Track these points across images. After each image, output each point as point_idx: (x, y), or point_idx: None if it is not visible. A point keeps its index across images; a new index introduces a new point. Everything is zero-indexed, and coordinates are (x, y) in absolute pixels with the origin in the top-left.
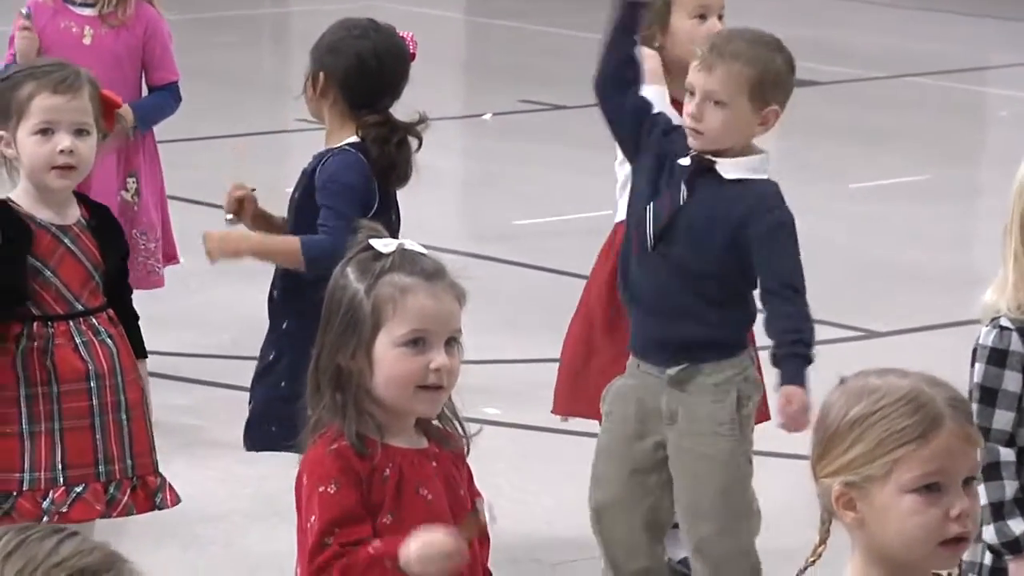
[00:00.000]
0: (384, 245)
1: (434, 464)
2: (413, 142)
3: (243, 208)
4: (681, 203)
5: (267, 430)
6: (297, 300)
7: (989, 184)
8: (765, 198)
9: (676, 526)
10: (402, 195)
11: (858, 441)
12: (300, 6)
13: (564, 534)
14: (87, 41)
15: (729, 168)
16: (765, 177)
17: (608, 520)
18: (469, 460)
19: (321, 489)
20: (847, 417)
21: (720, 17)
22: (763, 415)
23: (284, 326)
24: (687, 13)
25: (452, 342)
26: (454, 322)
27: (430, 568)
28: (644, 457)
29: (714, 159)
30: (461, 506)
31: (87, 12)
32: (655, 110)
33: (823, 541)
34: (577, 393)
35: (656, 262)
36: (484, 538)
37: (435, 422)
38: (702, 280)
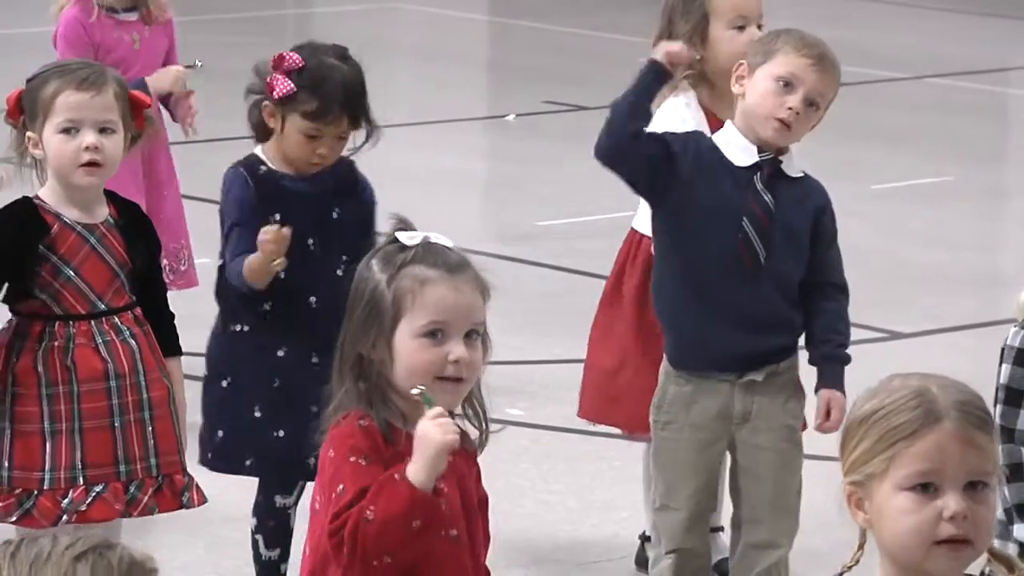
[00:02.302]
0: (409, 238)
1: (449, 458)
2: None
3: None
4: (772, 208)
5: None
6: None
7: (1013, 185)
8: (825, 194)
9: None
10: (425, 195)
11: (864, 438)
12: (323, 7)
13: (587, 534)
14: (137, 47)
15: (791, 166)
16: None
17: (689, 528)
18: (492, 460)
19: (353, 459)
20: (857, 415)
21: (759, 26)
22: None
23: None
24: (726, 24)
25: (473, 335)
26: (475, 315)
27: (438, 464)
28: (715, 462)
29: (781, 158)
30: (469, 502)
31: (132, 18)
32: (666, 138)
33: (861, 546)
34: (608, 401)
35: (761, 277)
36: (485, 540)
37: (455, 418)
38: (794, 284)
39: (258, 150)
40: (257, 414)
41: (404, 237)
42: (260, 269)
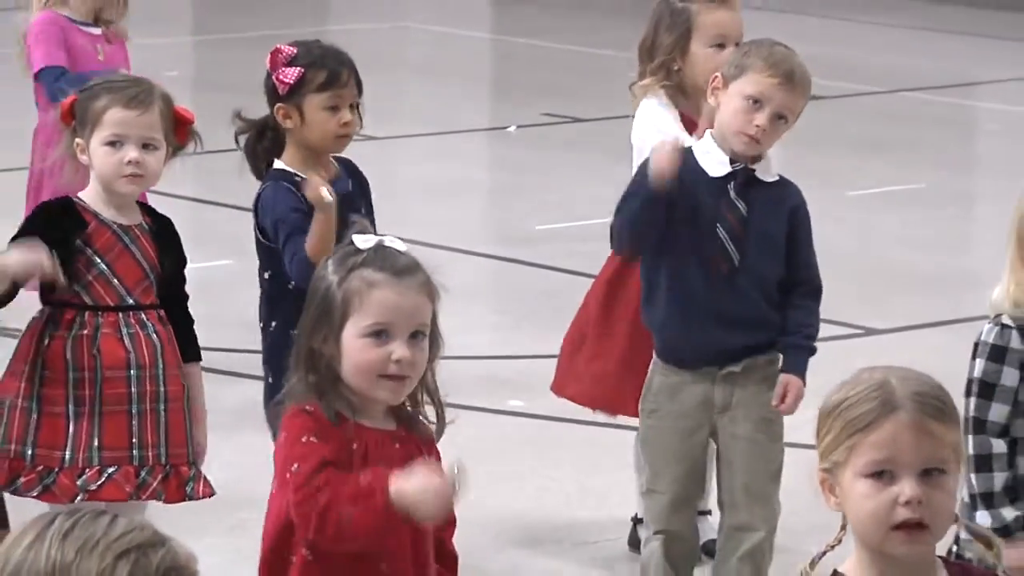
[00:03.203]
0: (363, 241)
1: (398, 446)
2: None
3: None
4: (745, 215)
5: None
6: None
7: (981, 192)
8: (799, 195)
9: (700, 513)
10: (433, 202)
11: (831, 429)
12: (336, 26)
13: (584, 517)
14: (101, 58)
15: (765, 172)
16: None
17: (674, 511)
18: (494, 448)
19: (304, 439)
20: (826, 407)
21: (738, 45)
22: None
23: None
24: (706, 41)
25: (418, 335)
26: (419, 316)
27: (421, 506)
28: (699, 449)
29: (753, 167)
30: None
31: (95, 31)
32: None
33: (843, 527)
34: (568, 377)
35: (738, 279)
36: (451, 521)
37: (408, 407)
38: (772, 284)
39: (279, 165)
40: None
41: (359, 240)
42: (318, 232)
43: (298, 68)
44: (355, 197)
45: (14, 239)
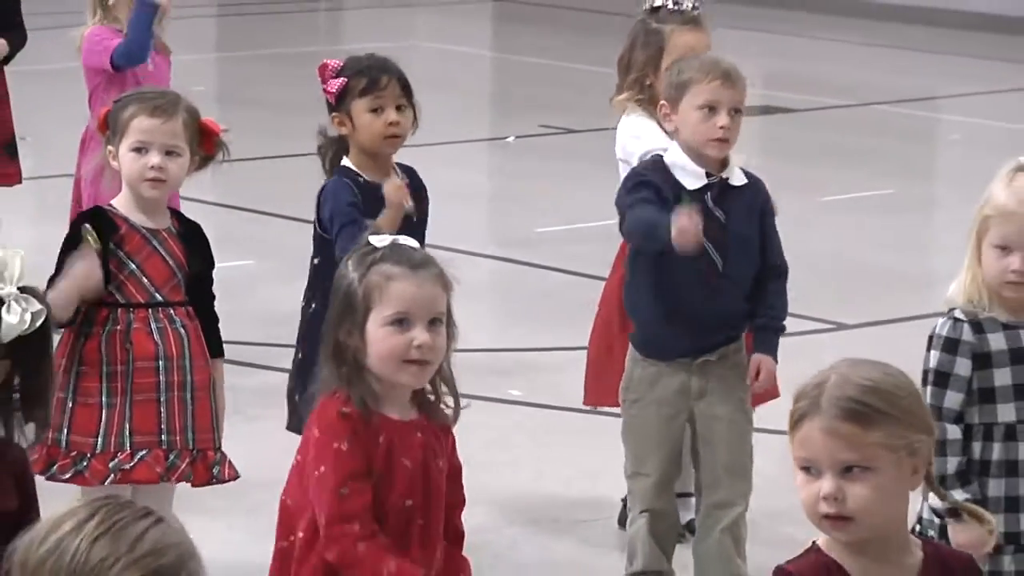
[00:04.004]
0: (379, 241)
1: (419, 435)
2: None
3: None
4: (724, 222)
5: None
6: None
7: (944, 197)
8: (764, 189)
9: (680, 495)
10: (438, 206)
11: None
12: (351, 45)
13: (579, 497)
14: (151, 67)
15: (735, 176)
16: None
17: (658, 491)
18: (494, 435)
19: (335, 446)
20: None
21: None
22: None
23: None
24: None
25: (436, 322)
26: (436, 305)
27: None
28: (678, 433)
29: (725, 175)
30: (435, 473)
31: None
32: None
33: None
34: (604, 386)
35: (722, 283)
36: (460, 502)
37: (429, 395)
38: (748, 282)
39: (345, 162)
40: None
41: (375, 240)
42: (385, 227)
43: (342, 78)
44: (415, 203)
45: (64, 252)
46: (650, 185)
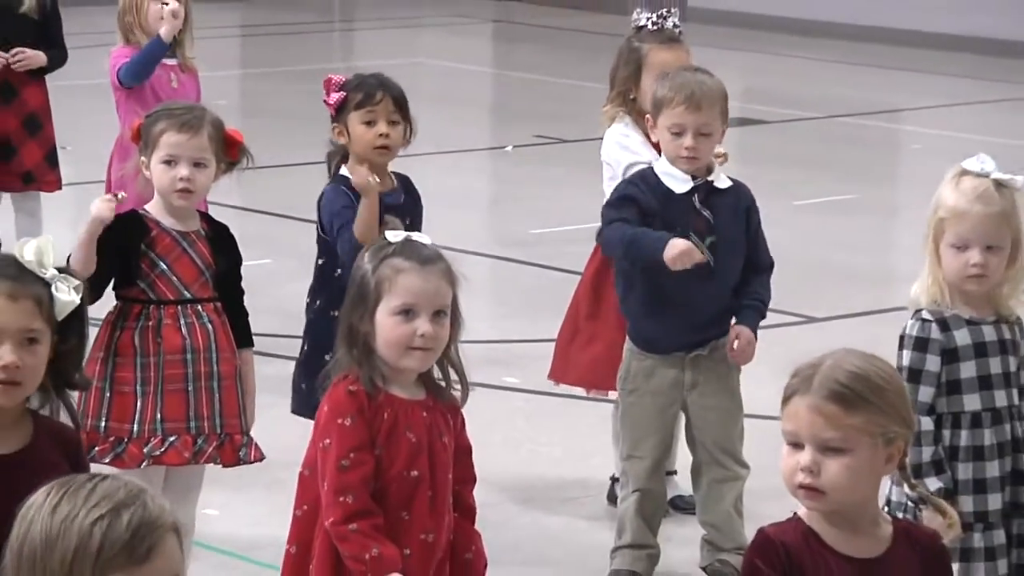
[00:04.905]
0: (394, 236)
1: (424, 414)
2: None
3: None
4: (712, 221)
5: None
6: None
7: (904, 201)
8: (749, 193)
9: (668, 473)
10: (441, 210)
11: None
12: (362, 62)
13: (571, 475)
14: (175, 85)
15: (720, 179)
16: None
17: (651, 473)
18: (491, 419)
19: (339, 421)
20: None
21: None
22: None
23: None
24: (653, 77)
25: (440, 314)
26: (440, 298)
27: None
28: (671, 421)
29: (710, 179)
30: (440, 448)
31: (171, 61)
32: (639, 204)
33: None
34: (566, 365)
35: (712, 281)
36: (471, 478)
37: (438, 379)
38: (737, 278)
39: (343, 171)
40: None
41: (390, 235)
42: (363, 216)
43: (342, 92)
44: (407, 209)
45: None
46: (634, 203)
